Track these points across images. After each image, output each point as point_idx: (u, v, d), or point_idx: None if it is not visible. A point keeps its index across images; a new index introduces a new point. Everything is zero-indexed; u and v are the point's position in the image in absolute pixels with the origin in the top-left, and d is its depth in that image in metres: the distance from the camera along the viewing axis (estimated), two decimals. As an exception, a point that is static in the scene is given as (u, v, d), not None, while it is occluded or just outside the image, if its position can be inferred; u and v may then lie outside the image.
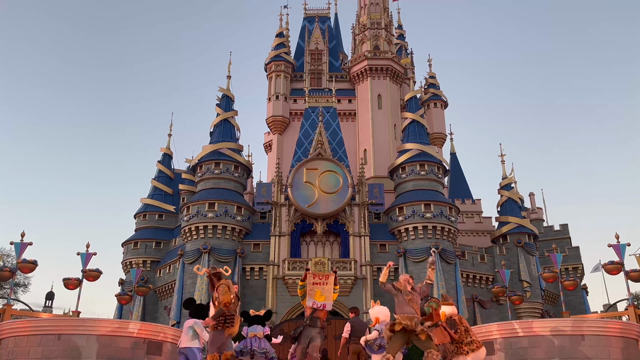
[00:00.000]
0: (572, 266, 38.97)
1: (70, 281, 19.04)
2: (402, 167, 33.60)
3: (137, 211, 37.43)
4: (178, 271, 31.18)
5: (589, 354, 11.42)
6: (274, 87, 41.42)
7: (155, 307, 34.09)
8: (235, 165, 33.43)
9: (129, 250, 35.85)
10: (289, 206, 31.84)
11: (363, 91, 41.32)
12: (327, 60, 43.97)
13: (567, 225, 41.67)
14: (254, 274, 31.13)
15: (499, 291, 24.68)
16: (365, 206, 31.95)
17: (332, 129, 36.11)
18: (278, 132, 40.80)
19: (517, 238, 34.58)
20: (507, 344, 12.06)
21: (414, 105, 36.50)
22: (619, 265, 18.13)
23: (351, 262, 30.28)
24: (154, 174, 38.81)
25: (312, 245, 32.08)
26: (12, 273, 18.01)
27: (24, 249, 17.83)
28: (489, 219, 40.77)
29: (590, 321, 12.56)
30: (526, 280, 32.88)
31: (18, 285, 38.08)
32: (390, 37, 43.53)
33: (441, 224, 31.38)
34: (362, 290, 29.90)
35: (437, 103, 43.91)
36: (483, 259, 33.84)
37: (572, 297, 35.44)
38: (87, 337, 11.82)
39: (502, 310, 31.08)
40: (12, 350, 11.96)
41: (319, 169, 32.31)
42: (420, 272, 30.42)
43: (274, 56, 42.08)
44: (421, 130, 35.20)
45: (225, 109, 35.55)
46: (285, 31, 44.11)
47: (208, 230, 31.03)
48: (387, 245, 31.79)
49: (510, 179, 37.40)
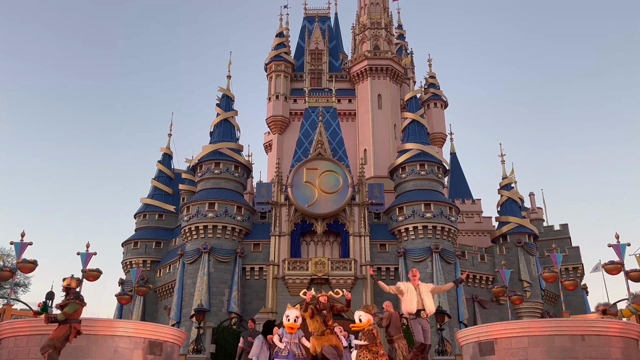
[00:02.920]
0: (572, 266, 38.98)
1: (70, 281, 19.02)
2: (402, 167, 33.61)
3: (137, 211, 37.46)
4: (178, 271, 31.17)
5: (589, 354, 11.41)
6: (274, 87, 41.44)
7: (155, 307, 34.11)
8: (235, 165, 33.43)
9: (129, 250, 35.86)
10: (289, 206, 31.84)
11: (363, 91, 41.33)
12: (327, 60, 43.98)
13: (567, 225, 41.69)
14: (254, 274, 31.13)
15: (499, 291, 24.71)
16: (365, 206, 31.95)
17: (332, 129, 36.10)
18: (278, 132, 40.82)
19: (517, 238, 34.59)
20: (507, 344, 12.06)
21: (414, 105, 36.50)
22: (619, 265, 18.16)
23: (351, 262, 30.28)
24: (154, 174, 38.84)
25: (312, 245, 32.08)
26: (12, 273, 18.04)
27: (24, 249, 17.85)
28: (489, 219, 40.78)
29: (590, 321, 12.55)
30: (526, 280, 32.89)
31: (18, 285, 38.08)
32: (390, 37, 43.55)
33: (441, 223, 31.39)
34: (362, 290, 29.91)
35: (437, 103, 43.94)
36: (483, 259, 33.85)
37: (572, 297, 35.45)
38: (87, 337, 11.80)
39: (502, 310, 31.09)
40: (12, 350, 11.95)
41: (319, 169, 32.31)
42: (420, 272, 30.26)
43: (274, 56, 42.09)
44: (421, 130, 35.20)
45: (225, 109, 35.55)
46: (285, 31, 44.13)
47: (208, 230, 31.03)
48: (387, 245, 31.80)
49: (510, 179, 37.42)
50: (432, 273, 29.92)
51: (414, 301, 10.48)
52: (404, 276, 30.23)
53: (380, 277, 31.01)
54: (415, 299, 10.50)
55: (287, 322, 10.51)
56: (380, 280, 11.24)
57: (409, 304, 10.49)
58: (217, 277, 29.94)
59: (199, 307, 27.32)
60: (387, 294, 31.07)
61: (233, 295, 29.60)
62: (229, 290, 29.86)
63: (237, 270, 30.40)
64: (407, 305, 10.51)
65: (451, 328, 27.88)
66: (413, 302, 10.46)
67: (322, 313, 10.82)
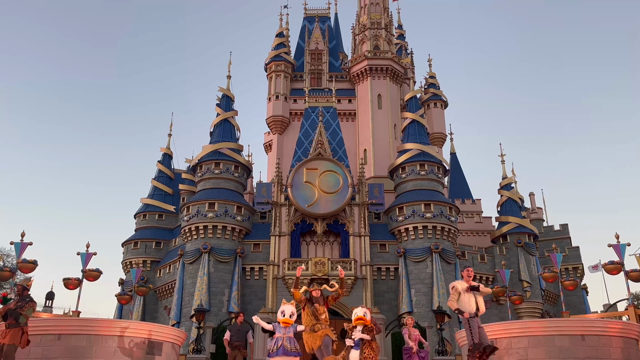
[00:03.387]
0: (572, 266, 38.97)
1: (70, 281, 19.06)
2: (402, 167, 33.61)
3: (137, 211, 37.45)
4: (178, 271, 31.17)
5: (589, 354, 11.42)
6: (274, 87, 41.42)
7: (155, 307, 34.11)
8: (235, 165, 33.43)
9: (129, 250, 35.86)
10: (289, 206, 31.84)
11: (363, 91, 41.32)
12: (327, 60, 43.96)
13: (567, 225, 41.67)
14: (254, 274, 31.13)
15: (499, 291, 24.69)
16: (365, 206, 31.95)
17: (332, 129, 36.09)
18: (278, 132, 40.81)
19: (517, 238, 34.58)
20: (507, 344, 12.07)
21: (414, 105, 36.49)
22: (619, 265, 18.15)
23: (351, 262, 30.28)
24: (154, 174, 38.84)
25: (312, 245, 32.07)
26: (12, 273, 18.02)
27: (24, 249, 17.84)
28: (489, 219, 40.77)
29: (590, 321, 12.58)
30: (526, 280, 32.87)
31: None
32: (390, 37, 43.53)
33: (441, 224, 31.39)
34: (362, 290, 29.91)
35: (437, 103, 43.92)
36: (483, 259, 33.84)
37: (572, 297, 35.49)
38: (87, 337, 11.82)
39: (502, 310, 31.09)
40: (12, 350, 11.93)
41: (319, 169, 32.30)
42: (420, 272, 30.47)
43: (274, 56, 42.08)
44: (421, 130, 35.20)
45: (225, 109, 35.54)
46: (285, 31, 44.12)
47: (208, 230, 31.03)
48: (387, 245, 31.79)
49: (510, 179, 37.41)
50: (432, 273, 29.92)
51: (472, 301, 10.20)
52: (404, 276, 30.25)
53: (380, 277, 31.05)
54: (473, 299, 10.23)
55: (281, 318, 10.17)
56: (451, 301, 10.30)
57: (467, 305, 10.20)
58: (217, 277, 29.94)
59: (199, 307, 27.33)
60: (387, 295, 31.20)
61: (233, 295, 29.60)
62: (229, 290, 29.87)
63: (237, 270, 30.40)
64: (465, 306, 10.20)
65: (451, 328, 27.89)
66: (471, 303, 10.19)
67: (315, 306, 10.61)
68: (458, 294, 10.26)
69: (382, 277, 31.01)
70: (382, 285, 30.88)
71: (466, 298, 10.18)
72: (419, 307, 29.21)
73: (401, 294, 29.90)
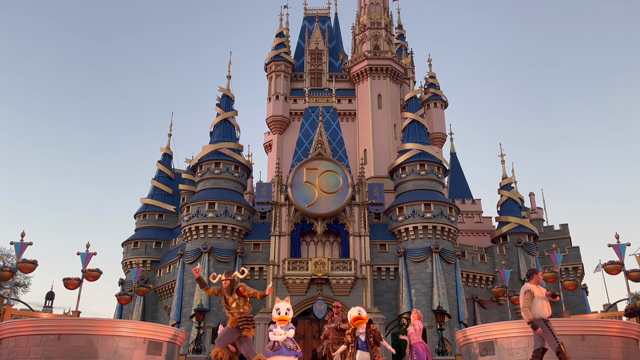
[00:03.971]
0: (572, 266, 39.01)
1: (70, 281, 19.09)
2: (402, 167, 33.61)
3: (137, 211, 37.47)
4: (178, 271, 31.18)
5: (589, 354, 11.41)
6: (274, 87, 41.43)
7: (155, 307, 34.13)
8: (235, 165, 33.44)
9: (129, 250, 35.87)
10: (289, 206, 31.84)
11: (363, 91, 41.33)
12: (327, 60, 43.97)
13: (567, 225, 41.73)
14: (254, 274, 31.13)
15: (499, 291, 24.71)
16: (365, 206, 31.95)
17: (332, 129, 36.10)
18: (278, 132, 40.81)
19: (517, 238, 34.60)
20: (507, 344, 12.07)
21: (414, 105, 36.49)
22: (619, 265, 18.17)
23: (351, 262, 30.28)
24: (154, 174, 38.88)
25: (312, 245, 32.07)
26: (12, 273, 18.05)
27: (24, 249, 17.87)
28: (489, 219, 40.78)
29: (590, 321, 12.57)
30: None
31: (18, 285, 38.13)
32: (390, 37, 43.54)
33: (441, 224, 31.39)
34: (362, 290, 29.90)
35: (437, 103, 43.92)
36: (483, 258, 33.85)
37: (572, 297, 35.50)
38: (87, 337, 11.81)
39: (502, 310, 31.11)
40: (12, 350, 11.95)
41: (319, 169, 32.31)
42: (420, 272, 30.47)
43: (274, 56, 42.09)
44: (421, 130, 35.20)
45: (225, 109, 35.56)
46: (285, 31, 44.12)
47: (208, 230, 31.04)
48: (387, 245, 31.80)
49: (510, 179, 37.44)
50: (432, 273, 29.92)
51: (545, 305, 9.80)
52: (404, 276, 30.25)
53: (380, 277, 31.06)
54: (545, 303, 9.85)
55: (277, 316, 9.89)
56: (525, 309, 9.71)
57: (540, 309, 9.78)
58: (217, 277, 29.90)
59: (199, 307, 27.34)
60: (387, 295, 31.20)
61: (233, 295, 29.54)
62: (229, 290, 29.81)
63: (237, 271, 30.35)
64: (539, 311, 9.78)
65: (451, 328, 27.90)
66: (545, 307, 9.78)
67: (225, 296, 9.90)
68: (532, 298, 9.80)
69: (382, 277, 31.01)
70: (382, 285, 30.88)
71: (540, 302, 9.73)
72: (419, 307, 29.18)
73: (401, 294, 29.91)
